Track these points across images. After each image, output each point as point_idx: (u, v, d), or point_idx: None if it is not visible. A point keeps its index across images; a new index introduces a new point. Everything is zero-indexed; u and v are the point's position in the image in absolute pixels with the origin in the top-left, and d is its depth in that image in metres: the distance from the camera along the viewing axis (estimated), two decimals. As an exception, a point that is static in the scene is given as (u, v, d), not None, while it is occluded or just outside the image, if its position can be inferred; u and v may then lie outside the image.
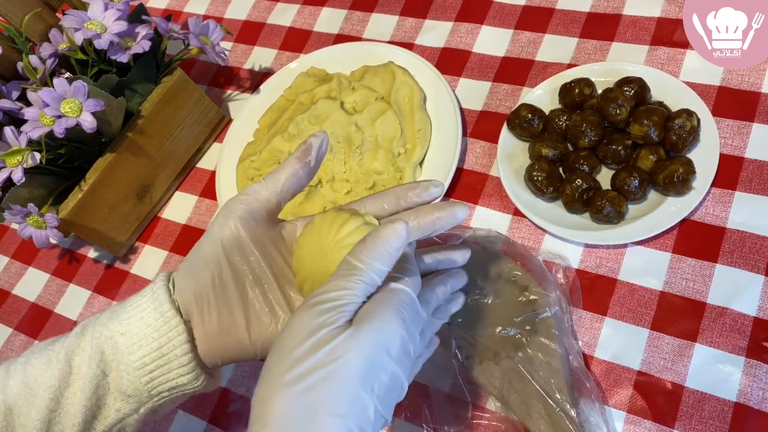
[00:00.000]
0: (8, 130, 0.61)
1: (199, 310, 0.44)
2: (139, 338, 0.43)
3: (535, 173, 0.59)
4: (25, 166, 0.60)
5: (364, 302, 0.38)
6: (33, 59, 0.66)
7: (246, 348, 0.45)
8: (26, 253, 0.79)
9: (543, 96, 0.65)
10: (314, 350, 0.35)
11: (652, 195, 0.58)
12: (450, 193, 0.65)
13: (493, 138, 0.65)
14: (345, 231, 0.42)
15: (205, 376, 0.45)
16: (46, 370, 0.44)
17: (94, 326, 0.45)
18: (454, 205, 0.44)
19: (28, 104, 0.62)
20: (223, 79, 0.82)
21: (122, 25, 0.65)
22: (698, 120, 0.57)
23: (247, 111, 0.75)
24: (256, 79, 0.81)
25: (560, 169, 0.61)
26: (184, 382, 0.44)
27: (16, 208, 0.61)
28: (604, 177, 0.60)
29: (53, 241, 0.75)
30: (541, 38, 0.70)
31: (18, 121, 0.62)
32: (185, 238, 0.73)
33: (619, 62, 0.64)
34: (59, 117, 0.59)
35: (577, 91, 0.62)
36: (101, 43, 0.63)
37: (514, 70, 0.69)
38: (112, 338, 0.44)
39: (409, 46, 0.75)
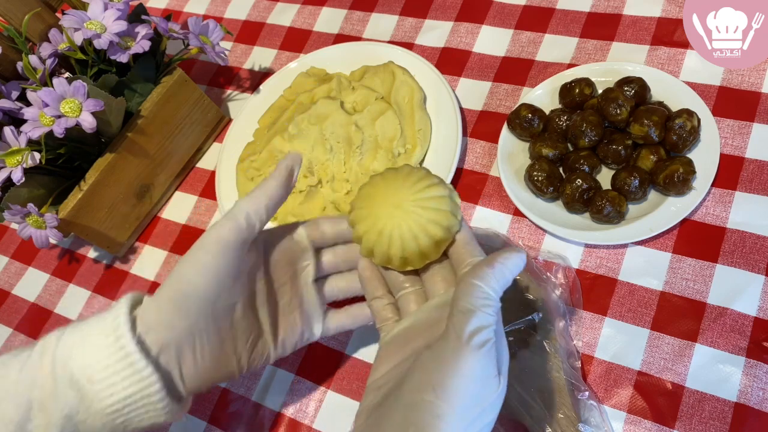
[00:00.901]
0: (8, 130, 0.60)
1: (191, 348, 0.44)
2: (108, 386, 0.42)
3: (535, 173, 0.59)
4: (24, 165, 0.60)
5: None
6: (33, 59, 0.66)
7: (233, 373, 0.47)
8: (26, 253, 0.79)
9: (543, 96, 0.64)
10: (481, 402, 0.36)
11: (653, 195, 0.58)
12: (450, 193, 0.65)
13: (493, 138, 0.65)
14: (430, 193, 0.41)
15: (180, 411, 0.45)
16: (2, 402, 0.43)
17: (53, 359, 0.43)
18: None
19: (28, 104, 0.62)
20: (223, 79, 0.82)
21: (122, 25, 0.65)
22: (698, 120, 0.57)
23: (247, 111, 0.75)
24: (256, 79, 0.81)
25: (560, 169, 0.61)
26: (161, 421, 0.44)
27: (15, 208, 0.61)
28: (604, 177, 0.60)
29: (53, 241, 0.75)
30: (541, 38, 0.70)
31: (18, 121, 0.62)
32: (185, 238, 0.73)
33: (619, 62, 0.64)
34: (59, 117, 0.59)
35: (577, 91, 0.62)
36: (101, 43, 0.63)
37: (514, 70, 0.69)
38: (78, 383, 0.42)
39: (409, 46, 0.75)
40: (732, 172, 0.57)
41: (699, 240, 0.56)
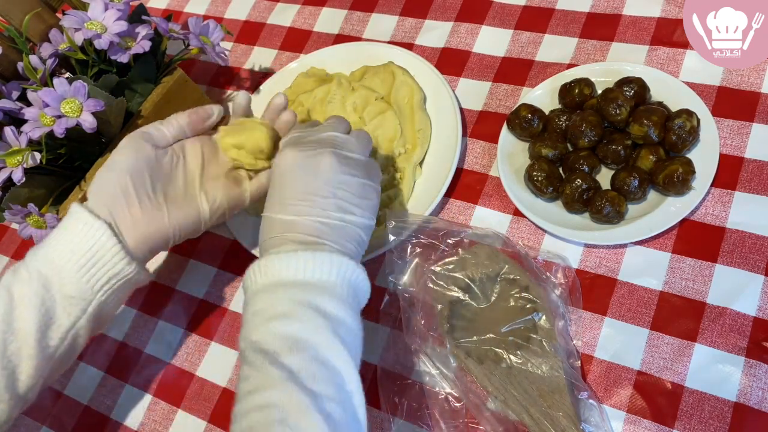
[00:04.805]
0: (8, 130, 0.61)
1: (119, 207, 0.53)
2: (71, 247, 0.51)
3: (535, 173, 0.59)
4: (25, 166, 0.60)
5: None
6: (33, 59, 0.66)
7: (166, 233, 0.55)
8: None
9: (543, 96, 0.65)
10: None
11: (652, 195, 0.58)
12: (450, 193, 0.65)
13: (493, 138, 0.65)
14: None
15: (136, 263, 0.53)
16: None
17: (24, 261, 0.52)
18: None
19: (29, 104, 0.62)
20: (223, 79, 0.82)
21: (122, 25, 0.65)
22: (698, 120, 0.57)
23: (247, 111, 0.75)
24: (256, 79, 0.81)
25: (560, 169, 0.61)
26: (119, 269, 0.52)
27: (16, 208, 0.61)
28: (604, 177, 0.60)
29: (53, 241, 0.75)
30: (541, 38, 0.70)
31: (18, 121, 0.62)
32: (185, 238, 0.73)
33: (618, 62, 0.64)
34: (59, 117, 0.59)
35: (577, 91, 0.62)
36: (101, 43, 0.63)
37: (514, 70, 0.69)
38: (46, 257, 0.51)
39: (409, 46, 0.75)
40: (731, 172, 0.57)
41: (698, 240, 0.56)
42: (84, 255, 0.51)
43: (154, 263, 0.72)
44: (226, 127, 0.59)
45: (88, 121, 0.59)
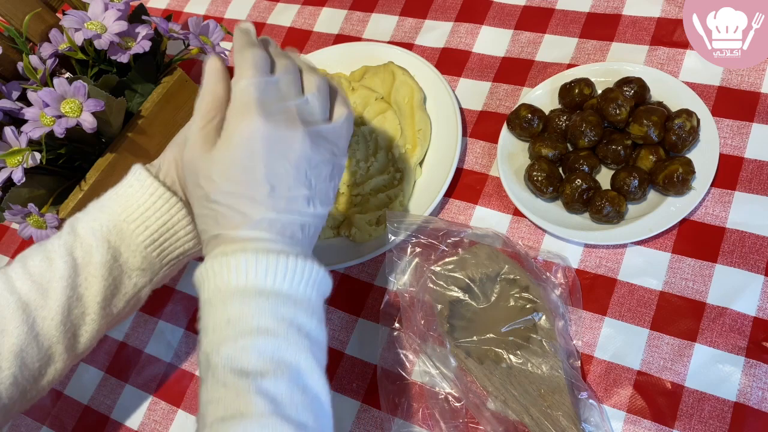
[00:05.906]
0: (8, 130, 0.61)
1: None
2: (143, 220, 0.50)
3: (534, 173, 0.59)
4: (25, 166, 0.60)
5: None
6: (33, 59, 0.66)
7: None
8: (26, 253, 0.79)
9: (543, 96, 0.65)
10: None
11: (652, 195, 0.58)
12: (450, 193, 0.65)
13: (493, 138, 0.65)
14: None
15: None
16: (50, 266, 0.49)
17: (84, 223, 0.50)
18: None
19: (29, 104, 0.62)
20: (223, 79, 0.82)
21: (122, 25, 0.65)
22: (698, 120, 0.57)
23: (247, 111, 0.75)
24: (256, 79, 0.81)
25: (560, 169, 0.61)
26: (191, 246, 0.52)
27: (16, 208, 0.61)
28: (604, 177, 0.60)
29: (53, 241, 0.75)
30: (541, 38, 0.70)
31: (18, 121, 0.62)
32: (185, 238, 0.73)
33: (618, 62, 0.64)
34: (59, 117, 0.59)
35: (576, 91, 0.62)
36: (101, 43, 0.63)
37: (514, 70, 0.69)
38: (115, 226, 0.50)
39: (409, 46, 0.75)
40: (731, 172, 0.57)
41: (698, 240, 0.56)
42: (158, 230, 0.50)
43: (154, 263, 0.72)
44: None
45: (88, 121, 0.59)
